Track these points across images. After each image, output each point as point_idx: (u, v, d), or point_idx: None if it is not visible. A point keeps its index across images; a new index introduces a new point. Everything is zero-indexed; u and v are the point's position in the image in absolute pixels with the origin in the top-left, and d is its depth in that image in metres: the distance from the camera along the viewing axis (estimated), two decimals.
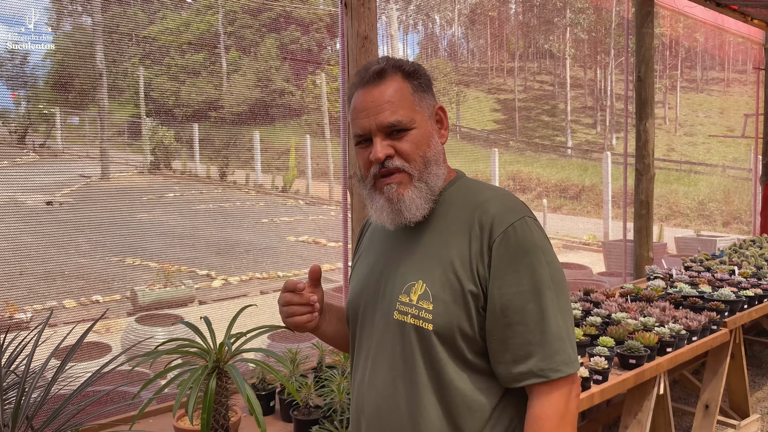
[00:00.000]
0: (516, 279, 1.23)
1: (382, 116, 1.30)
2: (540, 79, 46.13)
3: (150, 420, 2.06)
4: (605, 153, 13.05)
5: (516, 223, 1.26)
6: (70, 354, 1.35)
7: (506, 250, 1.24)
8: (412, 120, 1.31)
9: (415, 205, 1.31)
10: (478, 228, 1.28)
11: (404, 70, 1.35)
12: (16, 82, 7.97)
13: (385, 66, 1.33)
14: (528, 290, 1.23)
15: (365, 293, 1.41)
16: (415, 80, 1.35)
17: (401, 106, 1.31)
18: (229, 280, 7.43)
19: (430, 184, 1.32)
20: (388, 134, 1.31)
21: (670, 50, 36.97)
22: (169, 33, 10.50)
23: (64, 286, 5.79)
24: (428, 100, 1.36)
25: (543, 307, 1.23)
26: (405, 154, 1.31)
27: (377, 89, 1.32)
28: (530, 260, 1.24)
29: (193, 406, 1.41)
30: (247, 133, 10.57)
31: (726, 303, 3.52)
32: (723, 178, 22.27)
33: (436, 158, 1.34)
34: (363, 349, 1.40)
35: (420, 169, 1.32)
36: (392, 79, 1.33)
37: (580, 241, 13.77)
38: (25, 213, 6.06)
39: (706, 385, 3.58)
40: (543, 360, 1.22)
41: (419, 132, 1.32)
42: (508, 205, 1.30)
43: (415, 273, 1.31)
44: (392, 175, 1.31)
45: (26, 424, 1.25)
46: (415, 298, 1.29)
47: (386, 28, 18.04)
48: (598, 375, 2.51)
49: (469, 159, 25.44)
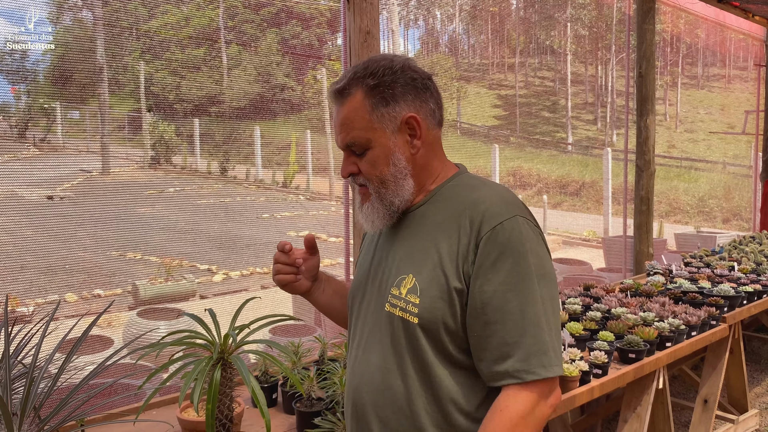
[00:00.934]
0: (498, 277, 1.23)
1: (340, 137, 1.35)
2: (541, 74, 46.06)
3: (154, 411, 2.07)
4: (606, 149, 13.05)
5: (506, 221, 1.26)
6: (76, 345, 1.37)
7: (492, 247, 1.25)
8: (368, 140, 1.33)
9: (371, 218, 1.38)
10: (468, 225, 1.29)
11: (367, 84, 1.32)
12: (16, 77, 7.96)
13: (345, 84, 1.34)
14: (509, 290, 1.23)
15: (363, 285, 1.46)
16: (376, 96, 1.32)
17: (355, 126, 1.32)
18: (230, 275, 7.45)
19: (385, 201, 1.36)
20: (352, 152, 1.36)
21: (671, 47, 36.92)
22: (170, 27, 10.49)
23: (66, 280, 5.81)
24: (392, 114, 1.33)
25: (523, 308, 1.22)
26: (364, 173, 1.36)
27: (339, 108, 1.35)
28: (515, 259, 1.24)
29: (198, 397, 1.43)
30: (248, 128, 10.56)
31: (725, 299, 3.54)
32: (723, 174, 22.26)
33: (396, 176, 1.34)
34: (356, 338, 1.44)
35: (376, 188, 1.36)
36: (352, 96, 1.33)
37: (580, 237, 13.78)
38: (26, 207, 6.07)
39: (705, 380, 3.60)
40: (520, 361, 1.21)
41: (376, 152, 1.33)
42: (501, 203, 1.30)
43: (407, 267, 1.34)
44: (359, 185, 1.39)
45: (34, 414, 1.27)
46: (404, 292, 1.31)
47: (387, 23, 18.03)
48: (597, 369, 2.53)
49: (470, 155, 25.43)
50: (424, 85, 1.37)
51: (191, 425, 1.81)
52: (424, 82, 1.37)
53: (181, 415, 1.84)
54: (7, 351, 1.35)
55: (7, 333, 1.40)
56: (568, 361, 2.46)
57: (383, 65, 1.34)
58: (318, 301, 1.58)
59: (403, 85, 1.34)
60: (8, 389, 1.25)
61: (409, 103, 1.34)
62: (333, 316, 1.62)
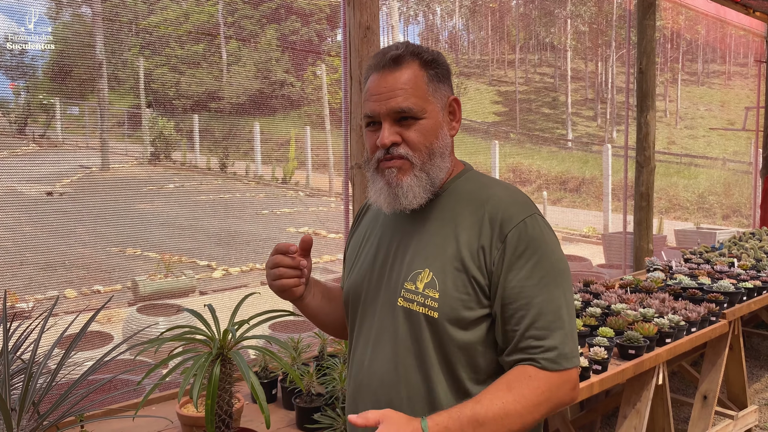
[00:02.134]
0: (527, 273, 1.27)
1: (393, 102, 1.31)
2: (541, 71, 46.01)
3: (153, 407, 2.07)
4: (606, 145, 13.03)
5: (527, 219, 1.31)
6: (75, 341, 1.36)
7: (518, 244, 1.28)
8: (423, 109, 1.32)
9: (413, 192, 1.33)
10: (488, 221, 1.31)
11: (422, 58, 1.35)
12: (15, 72, 7.95)
13: (403, 52, 1.34)
14: (537, 284, 1.27)
15: (368, 279, 1.43)
16: (432, 69, 1.35)
17: (414, 93, 1.32)
18: (229, 271, 7.45)
19: (431, 175, 1.34)
20: (398, 120, 1.32)
21: (672, 43, 36.87)
22: (169, 23, 10.46)
23: (65, 276, 5.81)
24: (443, 91, 1.37)
25: (550, 301, 1.27)
26: (411, 142, 1.32)
27: (392, 75, 1.32)
28: (540, 255, 1.28)
29: (197, 392, 1.42)
30: (247, 124, 10.55)
31: (725, 295, 3.53)
32: (723, 171, 22.25)
33: (442, 151, 1.35)
34: (363, 333, 1.42)
35: (423, 160, 1.33)
36: (409, 65, 1.33)
37: (580, 233, 13.78)
38: (26, 203, 6.06)
39: (704, 376, 3.60)
40: (543, 352, 1.25)
41: (428, 122, 1.33)
42: (518, 201, 1.34)
43: (422, 261, 1.33)
44: (394, 159, 1.33)
45: (33, 409, 1.26)
46: (421, 286, 1.31)
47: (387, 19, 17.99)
48: (597, 365, 2.53)
49: (470, 151, 25.40)
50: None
51: (191, 421, 1.81)
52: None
53: (181, 411, 1.84)
54: (6, 347, 1.35)
55: (5, 329, 1.40)
56: None
57: (427, 48, 1.38)
58: (309, 306, 1.49)
59: (446, 69, 1.39)
60: (7, 385, 1.25)
61: (450, 87, 1.40)
62: (322, 323, 1.56)
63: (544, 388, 1.24)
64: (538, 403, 1.23)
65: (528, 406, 1.22)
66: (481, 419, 1.18)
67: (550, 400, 1.25)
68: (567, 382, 1.27)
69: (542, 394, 1.24)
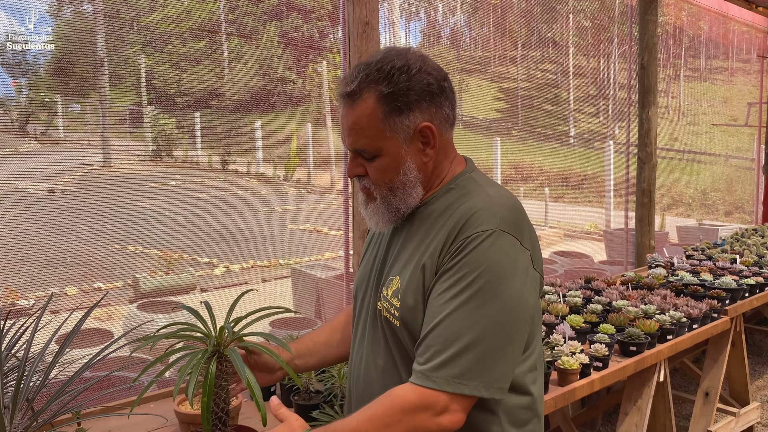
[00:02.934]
0: (449, 285, 1.19)
1: (347, 140, 1.30)
2: (543, 67, 45.93)
3: (151, 404, 2.06)
4: (608, 142, 13.01)
5: (485, 233, 1.20)
6: (69, 337, 1.36)
7: (457, 254, 1.21)
8: (378, 149, 1.27)
9: (375, 219, 1.35)
10: (451, 228, 1.24)
11: (380, 91, 1.25)
12: (17, 70, 7.95)
13: (355, 88, 1.26)
14: (452, 299, 1.18)
15: (366, 280, 1.46)
16: (390, 104, 1.25)
17: (366, 134, 1.27)
18: (230, 268, 7.45)
19: (392, 207, 1.32)
20: (360, 155, 1.32)
21: (674, 39, 36.75)
22: (171, 20, 10.45)
23: (66, 273, 5.81)
24: (406, 123, 1.26)
25: (459, 321, 1.16)
26: (372, 178, 1.31)
27: (346, 111, 1.28)
28: (477, 274, 1.17)
29: (193, 390, 1.41)
30: (249, 121, 10.54)
31: (727, 291, 3.52)
32: (725, 167, 22.19)
33: (404, 184, 1.30)
34: (356, 334, 1.47)
35: (383, 194, 1.32)
36: (363, 101, 1.26)
37: (582, 230, 13.76)
38: (27, 200, 6.07)
39: (706, 373, 3.59)
40: (418, 365, 1.19)
41: (385, 160, 1.28)
42: (489, 213, 1.23)
43: (396, 269, 1.34)
44: (362, 186, 1.35)
45: (27, 406, 1.26)
46: (389, 293, 1.31)
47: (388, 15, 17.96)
48: (598, 362, 2.52)
49: (471, 148, 25.36)
50: (440, 88, 1.29)
51: (188, 418, 1.80)
52: (440, 85, 1.29)
53: (178, 408, 1.83)
54: (0, 344, 1.34)
55: None
56: (569, 354, 2.44)
57: (399, 67, 1.25)
58: (307, 366, 1.64)
59: (419, 92, 1.26)
60: (0, 382, 1.24)
61: (424, 111, 1.27)
62: (330, 362, 1.64)
63: (397, 408, 1.15)
64: (387, 424, 1.14)
65: (377, 426, 1.15)
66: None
67: (401, 423, 1.14)
68: (432, 406, 1.15)
69: (393, 415, 1.15)
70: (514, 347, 1.20)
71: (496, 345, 1.16)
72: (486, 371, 1.15)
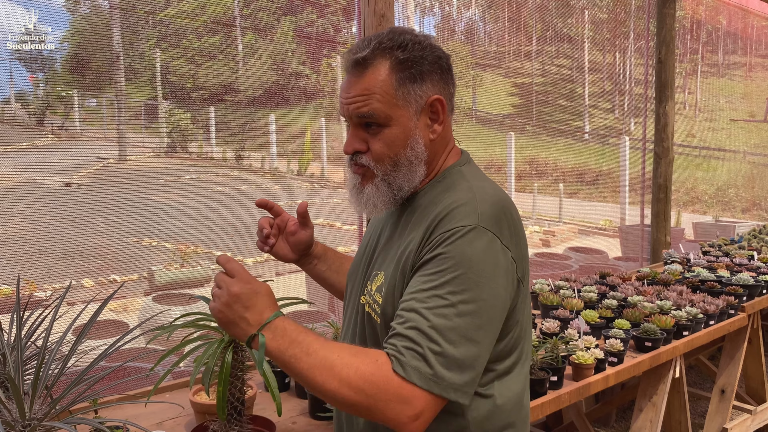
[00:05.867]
0: (421, 281, 1.14)
1: (352, 107, 1.23)
2: (558, 62, 45.65)
3: (167, 395, 2.08)
4: (623, 137, 12.91)
5: (465, 228, 1.14)
6: (87, 327, 1.37)
7: (436, 248, 1.15)
8: (388, 117, 1.21)
9: (372, 202, 1.27)
10: (432, 225, 1.19)
11: (395, 57, 1.21)
12: (34, 65, 8.02)
13: (368, 53, 1.21)
14: (422, 290, 1.12)
15: (353, 273, 1.44)
16: (404, 71, 1.21)
17: (378, 100, 1.20)
18: (244, 261, 7.49)
19: (394, 186, 1.25)
20: (364, 125, 1.24)
21: (691, 34, 36.37)
22: (186, 15, 10.50)
23: (83, 266, 5.87)
24: (418, 92, 1.22)
25: (429, 314, 1.10)
26: (375, 153, 1.24)
27: (356, 78, 1.23)
28: (445, 270, 1.12)
29: (209, 380, 1.42)
30: (263, 116, 10.58)
31: (744, 288, 3.48)
32: (743, 163, 21.95)
33: (411, 161, 1.24)
34: (344, 322, 1.44)
35: (386, 171, 1.24)
36: (375, 68, 1.21)
37: (597, 226, 13.68)
38: (44, 194, 6.13)
39: (722, 370, 3.56)
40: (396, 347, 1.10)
41: (395, 131, 1.22)
42: (470, 209, 1.17)
43: (380, 264, 1.31)
44: (357, 166, 1.27)
45: (45, 393, 1.27)
46: (373, 288, 1.28)
47: (403, 10, 17.92)
48: (613, 357, 2.50)
49: (485, 143, 25.29)
50: (448, 66, 1.27)
51: (203, 408, 1.81)
52: (448, 63, 1.28)
53: (194, 398, 1.84)
54: (20, 332, 1.36)
55: (19, 315, 1.41)
56: (583, 349, 2.43)
57: (410, 39, 1.23)
58: (314, 272, 1.59)
59: (431, 63, 1.24)
60: (20, 370, 1.26)
61: (435, 84, 1.24)
62: (329, 289, 1.62)
63: (374, 380, 1.07)
64: (359, 387, 1.07)
65: (351, 379, 1.07)
66: (311, 351, 1.09)
67: (370, 398, 1.07)
68: (405, 399, 1.07)
69: (370, 386, 1.07)
70: (481, 350, 1.12)
71: (465, 346, 1.10)
72: (455, 374, 1.09)
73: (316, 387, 1.09)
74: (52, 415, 1.23)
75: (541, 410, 2.16)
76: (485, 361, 1.15)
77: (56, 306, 1.41)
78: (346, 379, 1.07)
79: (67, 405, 1.25)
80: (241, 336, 1.13)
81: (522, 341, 1.27)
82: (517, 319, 1.23)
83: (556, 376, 2.26)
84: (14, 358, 1.30)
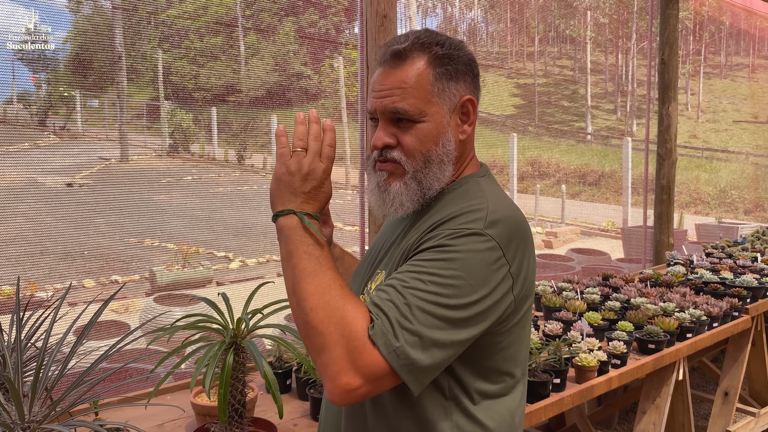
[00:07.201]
0: (411, 263, 1.11)
1: (388, 101, 1.20)
2: (560, 63, 45.62)
3: (168, 396, 2.07)
4: (625, 139, 12.88)
5: (465, 230, 1.11)
6: (87, 328, 1.36)
7: (431, 240, 1.12)
8: (422, 112, 1.20)
9: (399, 200, 1.23)
10: (436, 224, 1.17)
11: (432, 53, 1.21)
12: (36, 65, 8.02)
13: (407, 47, 1.20)
14: (418, 274, 1.08)
15: (358, 273, 1.42)
16: (441, 67, 1.21)
17: (413, 94, 1.19)
18: (246, 262, 7.48)
19: (424, 184, 1.22)
20: (395, 121, 1.22)
21: (694, 35, 36.31)
22: (188, 16, 10.50)
23: (84, 266, 5.87)
24: (454, 90, 1.22)
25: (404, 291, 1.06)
26: (406, 147, 1.21)
27: (392, 71, 1.21)
28: (447, 260, 1.08)
29: (210, 381, 1.41)
30: (265, 116, 10.58)
31: (748, 290, 3.46)
32: (746, 165, 21.90)
33: (441, 158, 1.22)
34: None
35: (416, 167, 1.21)
36: (412, 62, 1.20)
37: (599, 227, 13.66)
38: (46, 194, 6.13)
39: (725, 372, 3.54)
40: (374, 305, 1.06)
41: (428, 126, 1.20)
42: (480, 216, 1.14)
43: (382, 263, 1.29)
44: (386, 162, 1.24)
45: (45, 395, 1.26)
46: (372, 287, 1.27)
47: (405, 10, 17.92)
48: (616, 359, 2.49)
49: (488, 144, 25.26)
50: (478, 72, 1.28)
51: (204, 410, 1.81)
52: (478, 69, 1.28)
53: (195, 400, 1.83)
54: (19, 333, 1.35)
55: (18, 316, 1.40)
56: (586, 351, 2.42)
57: (447, 38, 1.23)
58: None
59: (466, 63, 1.24)
60: (20, 371, 1.25)
61: (468, 85, 1.25)
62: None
63: (350, 328, 1.02)
64: (331, 319, 1.03)
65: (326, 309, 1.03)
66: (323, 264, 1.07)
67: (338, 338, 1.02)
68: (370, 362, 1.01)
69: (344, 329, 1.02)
70: (448, 351, 1.07)
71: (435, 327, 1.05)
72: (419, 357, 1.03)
73: (298, 293, 1.06)
74: (52, 418, 1.22)
75: (543, 413, 2.15)
76: (447, 362, 1.09)
77: (57, 307, 1.41)
78: (332, 309, 1.03)
79: (67, 407, 1.24)
80: (287, 202, 1.11)
81: (515, 368, 1.23)
82: (510, 341, 1.19)
83: (558, 378, 2.24)
84: (14, 360, 1.30)
